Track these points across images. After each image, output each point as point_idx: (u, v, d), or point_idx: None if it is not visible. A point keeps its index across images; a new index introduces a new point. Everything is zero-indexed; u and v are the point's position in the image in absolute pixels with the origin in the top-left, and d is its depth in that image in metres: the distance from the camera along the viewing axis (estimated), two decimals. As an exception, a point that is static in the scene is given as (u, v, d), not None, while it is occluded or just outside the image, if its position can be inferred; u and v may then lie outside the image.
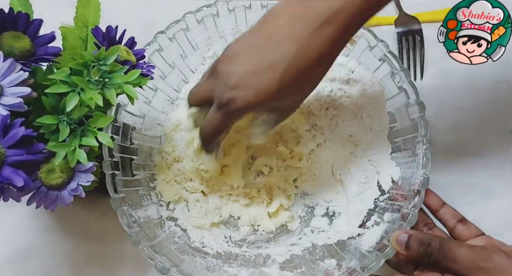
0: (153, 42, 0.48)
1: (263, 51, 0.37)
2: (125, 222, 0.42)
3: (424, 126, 0.44)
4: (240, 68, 0.37)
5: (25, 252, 0.51)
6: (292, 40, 0.36)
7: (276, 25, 0.37)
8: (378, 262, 0.41)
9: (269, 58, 0.36)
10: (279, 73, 0.36)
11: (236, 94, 0.37)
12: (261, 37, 0.38)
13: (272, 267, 0.46)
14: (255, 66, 0.37)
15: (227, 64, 0.38)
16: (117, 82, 0.35)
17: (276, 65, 0.36)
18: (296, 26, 0.36)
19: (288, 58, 0.36)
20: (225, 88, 0.38)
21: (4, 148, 0.31)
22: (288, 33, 0.36)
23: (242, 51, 0.38)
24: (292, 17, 0.36)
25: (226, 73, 0.38)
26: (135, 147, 0.48)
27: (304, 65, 0.36)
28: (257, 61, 0.37)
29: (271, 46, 0.36)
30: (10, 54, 0.34)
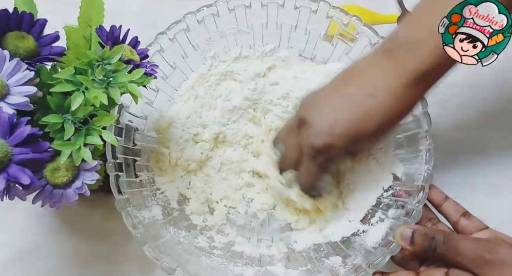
0: (154, 43, 0.49)
1: (354, 102, 0.39)
2: (129, 223, 0.42)
3: (426, 122, 0.44)
4: (331, 117, 0.39)
5: (30, 252, 0.51)
6: (388, 94, 0.38)
7: (368, 79, 0.39)
8: (384, 258, 0.41)
9: (365, 109, 0.39)
10: (374, 122, 0.39)
11: (332, 142, 0.39)
12: (348, 90, 0.40)
13: (277, 266, 0.46)
14: (349, 116, 0.39)
15: (315, 115, 0.40)
16: (121, 81, 0.35)
17: (372, 115, 0.39)
18: (391, 80, 0.38)
19: (384, 110, 0.38)
20: (319, 135, 0.39)
21: (11, 146, 0.31)
22: (382, 87, 0.38)
23: (327, 103, 0.40)
24: (385, 71, 0.39)
25: (316, 123, 0.40)
26: (138, 148, 0.48)
27: (397, 117, 0.40)
28: (350, 110, 0.39)
29: (366, 98, 0.38)
30: (15, 54, 0.34)
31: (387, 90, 0.38)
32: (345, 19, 0.49)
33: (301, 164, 0.44)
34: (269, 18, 0.52)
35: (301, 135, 0.41)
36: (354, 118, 0.39)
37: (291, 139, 0.44)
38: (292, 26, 0.52)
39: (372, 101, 0.38)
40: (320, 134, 0.39)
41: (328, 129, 0.39)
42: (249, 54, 0.54)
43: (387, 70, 0.39)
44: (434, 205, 0.45)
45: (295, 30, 0.52)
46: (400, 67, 0.38)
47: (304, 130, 0.41)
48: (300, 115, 0.42)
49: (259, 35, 0.53)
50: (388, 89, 0.38)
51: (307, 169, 0.43)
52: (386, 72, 0.39)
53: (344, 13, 0.49)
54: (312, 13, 0.50)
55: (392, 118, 0.39)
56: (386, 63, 0.39)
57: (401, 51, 0.38)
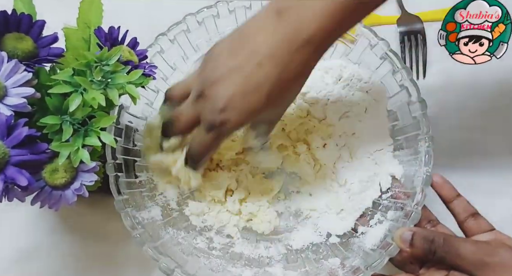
0: (154, 44, 0.49)
1: (247, 74, 0.39)
2: (129, 224, 0.42)
3: (426, 123, 0.44)
4: (227, 91, 0.39)
5: (30, 252, 0.51)
6: (273, 62, 0.38)
7: (256, 45, 0.39)
8: (382, 260, 0.41)
9: (254, 80, 0.38)
10: (264, 93, 0.38)
11: (227, 116, 0.39)
12: (242, 57, 0.39)
13: (275, 267, 0.46)
14: (242, 88, 0.39)
15: (213, 88, 0.40)
16: (119, 82, 0.36)
17: (261, 86, 0.38)
18: (277, 48, 0.38)
19: (271, 80, 0.38)
20: (215, 111, 0.39)
21: (8, 148, 0.31)
22: (269, 55, 0.38)
23: (225, 73, 0.40)
24: (271, 36, 0.38)
25: (214, 97, 0.40)
26: (137, 149, 0.48)
27: (286, 84, 0.39)
28: (242, 83, 0.39)
29: (254, 68, 0.38)
30: (13, 55, 0.34)
31: (273, 58, 0.38)
32: (345, 20, 0.48)
33: (195, 131, 0.43)
34: (269, 19, 0.51)
35: (199, 105, 0.41)
36: (246, 92, 0.39)
37: (188, 105, 0.43)
38: (292, 27, 0.52)
39: (260, 71, 0.38)
40: (216, 109, 0.39)
41: (222, 105, 0.39)
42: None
43: (274, 35, 0.38)
44: (444, 202, 0.44)
45: (295, 32, 0.52)
46: (285, 31, 0.37)
47: (202, 101, 0.41)
48: (200, 86, 0.41)
49: (259, 36, 0.53)
50: (274, 56, 0.38)
51: (200, 138, 0.42)
52: (272, 37, 0.38)
53: (344, 15, 0.48)
54: (312, 15, 0.50)
55: (282, 86, 0.39)
56: (273, 27, 0.38)
57: (288, 13, 0.37)
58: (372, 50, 0.48)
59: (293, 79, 0.39)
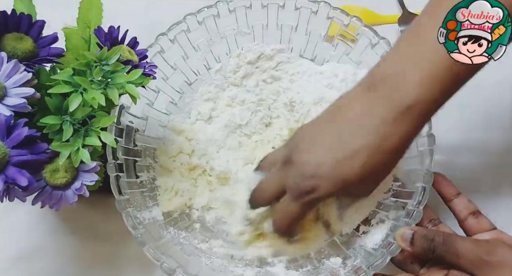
0: (154, 44, 0.49)
1: (339, 142, 0.38)
2: (130, 224, 0.42)
3: (427, 123, 0.44)
4: (318, 158, 0.38)
5: (31, 252, 0.51)
6: (368, 133, 0.37)
7: (350, 117, 0.38)
8: (384, 260, 0.41)
9: (347, 149, 0.37)
10: (360, 163, 0.37)
11: (317, 183, 0.38)
12: (333, 129, 0.38)
13: (277, 267, 0.46)
14: (334, 157, 0.38)
15: (302, 155, 0.39)
16: (119, 82, 0.36)
17: (355, 156, 0.37)
18: (374, 117, 0.37)
19: (366, 150, 0.37)
20: (304, 177, 0.38)
21: (8, 148, 0.32)
22: (362, 126, 0.37)
23: (314, 142, 0.39)
24: (367, 108, 0.37)
25: (303, 163, 0.39)
26: (138, 149, 0.48)
27: (383, 156, 0.37)
28: (335, 151, 0.38)
29: (347, 138, 0.37)
30: (13, 55, 0.34)
31: (370, 128, 0.37)
32: (346, 20, 0.49)
33: (280, 201, 0.42)
34: (269, 19, 0.51)
35: (286, 173, 0.40)
36: (339, 160, 0.37)
37: (274, 173, 0.42)
38: (293, 27, 0.52)
39: (355, 141, 0.37)
40: (304, 176, 0.38)
41: (312, 171, 0.38)
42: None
43: (369, 106, 0.37)
44: (445, 200, 0.44)
45: (295, 31, 0.52)
46: (381, 101, 0.37)
47: (289, 169, 0.40)
48: (287, 153, 0.40)
49: (259, 36, 0.53)
50: (371, 126, 0.37)
51: (286, 208, 0.41)
52: (368, 109, 0.37)
53: (345, 14, 0.48)
54: (313, 14, 0.50)
55: (378, 157, 0.37)
56: (368, 99, 0.37)
57: (383, 86, 0.37)
58: (373, 49, 0.48)
59: (393, 150, 0.37)
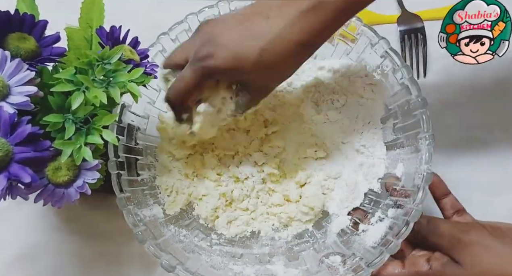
0: (156, 43, 0.49)
1: (251, 21, 0.37)
2: (131, 221, 0.42)
3: (426, 121, 0.44)
4: (224, 31, 0.38)
5: (33, 251, 0.52)
6: (281, 17, 0.36)
7: (269, 3, 0.38)
8: (383, 258, 0.41)
9: (255, 29, 0.37)
10: (261, 45, 0.37)
11: (214, 51, 0.38)
12: (251, 11, 0.39)
13: (277, 265, 0.46)
14: (240, 32, 0.37)
15: (212, 26, 0.39)
16: (121, 81, 0.36)
17: (260, 36, 0.37)
18: (287, 6, 0.36)
19: (272, 33, 0.36)
20: (205, 43, 0.38)
21: (12, 145, 0.32)
22: (278, 11, 0.37)
23: (229, 18, 0.39)
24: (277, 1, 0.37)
25: (209, 33, 0.38)
26: (140, 147, 0.48)
27: (286, 45, 0.37)
28: (243, 28, 0.38)
29: (260, 19, 0.37)
30: (16, 54, 0.35)
31: (281, 14, 0.36)
32: (346, 19, 0.49)
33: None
34: (270, 19, 0.52)
35: (194, 39, 0.40)
36: (243, 36, 0.37)
37: (188, 41, 0.43)
38: (293, 27, 0.52)
39: (264, 22, 0.37)
40: (206, 42, 0.38)
41: (214, 40, 0.38)
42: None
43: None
44: (435, 198, 0.46)
45: (295, 31, 0.52)
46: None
47: (197, 35, 0.40)
48: (201, 23, 0.41)
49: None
50: (283, 13, 0.36)
51: (184, 72, 0.40)
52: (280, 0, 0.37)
53: (345, 14, 0.49)
54: (313, 14, 0.50)
55: (280, 45, 0.37)
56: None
57: None
58: (372, 48, 0.48)
59: (293, 42, 0.37)
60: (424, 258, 0.41)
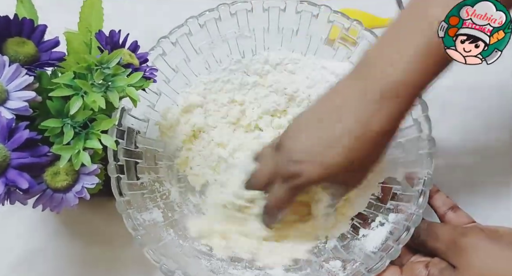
0: (156, 46, 0.49)
1: (325, 128, 0.38)
2: (130, 225, 0.42)
3: (427, 126, 0.44)
4: (304, 144, 0.39)
5: (32, 256, 0.51)
6: (352, 118, 0.37)
7: (336, 103, 0.38)
8: (383, 263, 0.41)
9: (332, 134, 0.37)
10: (345, 147, 0.37)
11: (302, 168, 0.39)
12: (321, 115, 0.39)
13: (277, 269, 0.46)
14: (319, 142, 0.38)
15: (290, 141, 0.40)
16: (120, 85, 0.36)
17: (339, 140, 0.37)
18: (354, 105, 0.37)
19: (351, 135, 0.37)
20: (290, 163, 0.39)
21: (9, 151, 0.32)
22: (347, 112, 0.37)
23: (304, 128, 0.40)
24: (349, 96, 0.37)
25: (290, 150, 0.39)
26: (139, 150, 0.48)
27: (368, 141, 0.37)
28: (320, 136, 0.38)
29: (332, 123, 0.37)
30: (15, 59, 0.35)
31: (352, 111, 0.37)
32: (346, 23, 0.49)
33: (272, 187, 0.43)
34: (270, 23, 0.52)
35: (276, 159, 0.41)
36: (323, 145, 0.38)
37: (268, 159, 0.43)
38: (294, 30, 0.52)
39: (339, 126, 0.37)
40: (290, 161, 0.39)
41: (298, 156, 0.39)
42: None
43: (352, 92, 0.37)
44: None
45: (296, 34, 0.52)
46: (365, 85, 0.36)
47: (279, 155, 0.41)
48: (279, 140, 0.42)
49: (260, 39, 0.53)
50: (354, 110, 0.37)
51: (277, 192, 0.42)
52: (351, 95, 0.37)
53: (345, 18, 0.49)
54: (313, 18, 0.50)
55: (362, 142, 0.37)
56: (353, 85, 0.37)
57: (368, 69, 0.37)
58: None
59: (375, 136, 0.37)
60: (423, 264, 0.41)
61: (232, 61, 0.53)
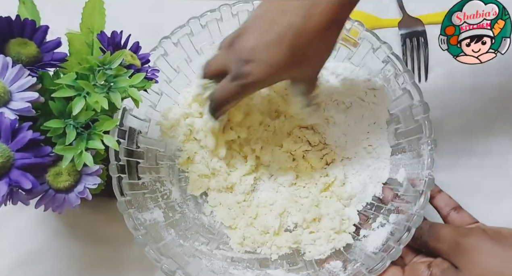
0: (158, 47, 0.49)
1: (271, 23, 0.37)
2: (131, 225, 0.42)
3: (428, 127, 0.44)
4: (252, 42, 0.38)
5: (34, 256, 0.52)
6: (297, 9, 0.36)
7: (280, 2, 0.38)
8: (384, 264, 0.41)
9: (277, 30, 0.37)
10: (287, 44, 0.37)
11: (250, 69, 0.39)
12: (270, 11, 0.38)
13: (278, 270, 0.46)
14: (265, 39, 0.38)
15: (240, 39, 0.40)
16: (122, 86, 0.36)
17: (284, 36, 0.37)
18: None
19: (294, 27, 0.36)
20: (240, 62, 0.39)
21: (13, 151, 0.32)
22: (294, 4, 0.36)
23: (252, 28, 0.39)
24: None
25: (240, 48, 0.39)
26: (141, 150, 0.48)
27: (312, 32, 0.36)
28: (266, 33, 0.38)
29: (279, 17, 0.37)
30: (17, 60, 0.35)
31: (297, 6, 0.36)
32: (347, 24, 0.49)
33: (222, 80, 0.43)
34: (271, 23, 0.52)
35: (228, 56, 0.41)
36: (269, 42, 0.37)
37: (222, 53, 0.43)
38: (295, 31, 0.52)
39: (284, 19, 0.37)
40: (240, 60, 0.39)
41: (246, 56, 0.39)
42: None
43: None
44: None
45: (297, 35, 0.52)
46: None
47: (231, 53, 0.41)
48: (232, 37, 0.41)
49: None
50: (296, 6, 0.36)
51: (225, 85, 0.42)
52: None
53: (347, 18, 0.49)
54: (315, 18, 0.50)
55: (306, 35, 0.36)
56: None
57: None
58: (374, 53, 0.48)
59: (317, 29, 0.36)
60: (425, 264, 0.41)
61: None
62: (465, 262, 0.39)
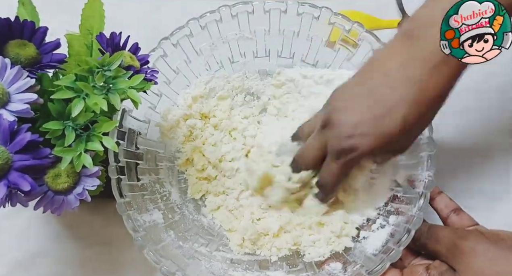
0: (157, 48, 0.49)
1: (377, 98, 0.37)
2: (130, 226, 0.42)
3: (428, 128, 0.44)
4: (355, 117, 0.38)
5: (33, 258, 0.51)
6: (408, 83, 0.36)
7: (386, 71, 0.37)
8: (384, 266, 0.41)
9: (386, 103, 0.37)
10: (400, 116, 0.36)
11: (356, 143, 0.38)
12: (371, 85, 0.38)
13: (277, 271, 0.46)
14: (371, 112, 0.37)
15: (339, 115, 0.39)
16: (121, 87, 0.36)
17: (395, 109, 0.36)
18: (410, 69, 0.36)
19: (407, 101, 0.36)
20: (343, 138, 0.38)
21: (11, 153, 0.32)
22: (402, 78, 0.36)
23: (352, 100, 0.39)
24: (402, 61, 0.36)
25: (341, 124, 0.38)
26: (140, 152, 0.48)
27: (425, 106, 0.37)
28: (371, 106, 0.37)
29: (386, 92, 0.37)
30: (16, 61, 0.35)
31: (406, 80, 0.36)
32: (347, 25, 0.49)
33: (323, 164, 0.42)
34: (271, 24, 0.52)
35: (325, 135, 0.40)
36: (378, 116, 0.37)
37: (314, 137, 0.42)
38: (295, 32, 0.52)
39: (393, 94, 0.36)
40: (343, 136, 0.38)
41: (351, 131, 0.38)
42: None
43: (406, 57, 0.36)
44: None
45: (297, 36, 0.52)
46: (420, 52, 0.35)
47: (328, 130, 0.40)
48: (325, 116, 0.40)
49: (261, 41, 0.53)
50: (408, 78, 0.36)
51: (330, 170, 0.41)
52: (405, 59, 0.36)
53: (346, 19, 0.49)
54: (314, 20, 0.50)
55: (419, 108, 0.36)
56: (405, 48, 0.36)
57: (424, 34, 0.35)
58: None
59: (431, 100, 0.36)
60: (423, 267, 0.41)
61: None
62: (463, 264, 0.39)
